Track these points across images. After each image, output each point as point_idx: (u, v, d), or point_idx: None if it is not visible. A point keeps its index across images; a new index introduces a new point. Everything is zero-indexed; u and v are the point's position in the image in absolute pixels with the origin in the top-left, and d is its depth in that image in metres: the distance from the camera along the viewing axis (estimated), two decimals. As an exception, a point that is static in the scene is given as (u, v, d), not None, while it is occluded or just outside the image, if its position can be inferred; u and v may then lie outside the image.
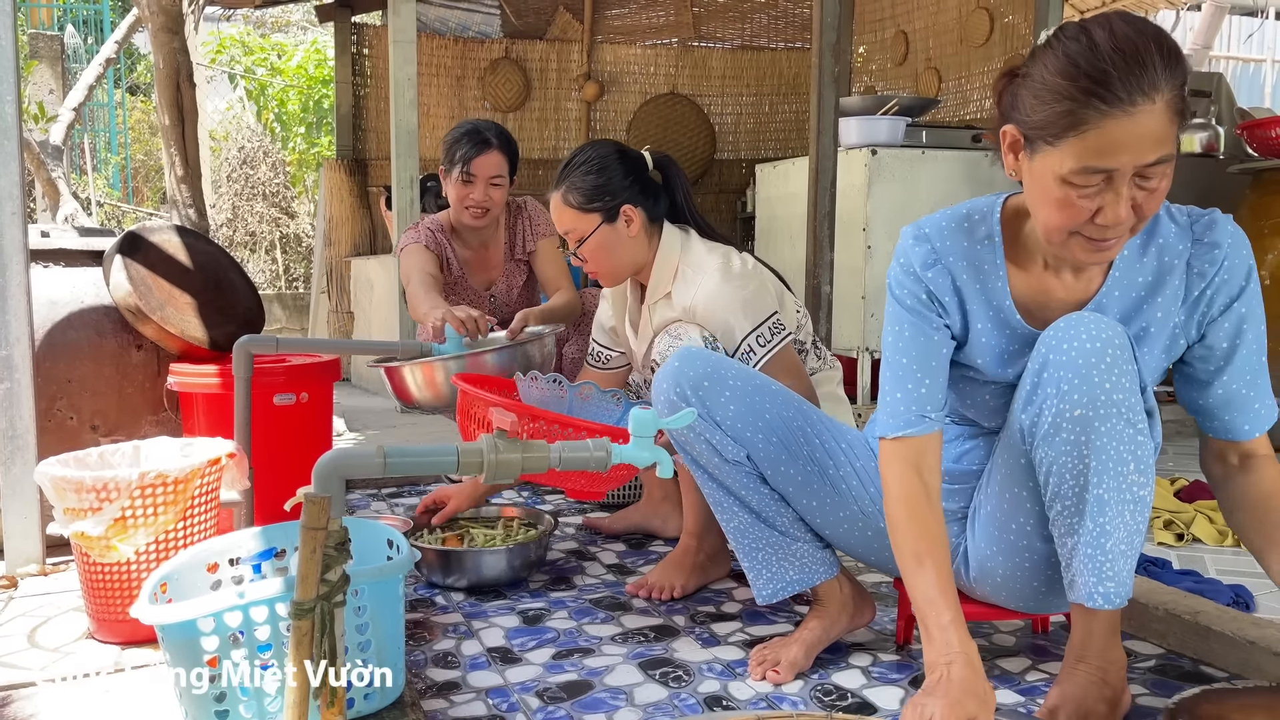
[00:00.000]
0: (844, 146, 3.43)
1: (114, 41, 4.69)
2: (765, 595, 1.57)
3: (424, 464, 1.20)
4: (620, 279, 2.04)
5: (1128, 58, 1.10)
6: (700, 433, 1.52)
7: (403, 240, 2.80)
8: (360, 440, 3.72)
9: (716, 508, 1.59)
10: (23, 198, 1.93)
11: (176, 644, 1.21)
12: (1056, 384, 1.22)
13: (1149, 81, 1.09)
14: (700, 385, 1.52)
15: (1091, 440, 1.21)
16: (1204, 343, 1.32)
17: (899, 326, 1.36)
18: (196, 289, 2.24)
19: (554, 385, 1.94)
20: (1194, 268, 1.29)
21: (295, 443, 2.15)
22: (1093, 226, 1.17)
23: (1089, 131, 1.12)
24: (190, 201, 3.80)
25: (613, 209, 1.94)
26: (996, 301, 1.34)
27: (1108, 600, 1.26)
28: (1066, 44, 1.14)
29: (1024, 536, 1.38)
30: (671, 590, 1.88)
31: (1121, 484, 1.22)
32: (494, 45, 6.12)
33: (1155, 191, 1.15)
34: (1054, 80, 1.14)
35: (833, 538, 1.58)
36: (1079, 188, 1.15)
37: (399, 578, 1.34)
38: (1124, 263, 1.31)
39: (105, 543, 1.56)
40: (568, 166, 1.97)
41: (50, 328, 2.11)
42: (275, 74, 9.17)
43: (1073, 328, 1.22)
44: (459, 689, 1.50)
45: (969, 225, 1.36)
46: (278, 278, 7.84)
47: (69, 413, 2.12)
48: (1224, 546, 2.28)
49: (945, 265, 1.34)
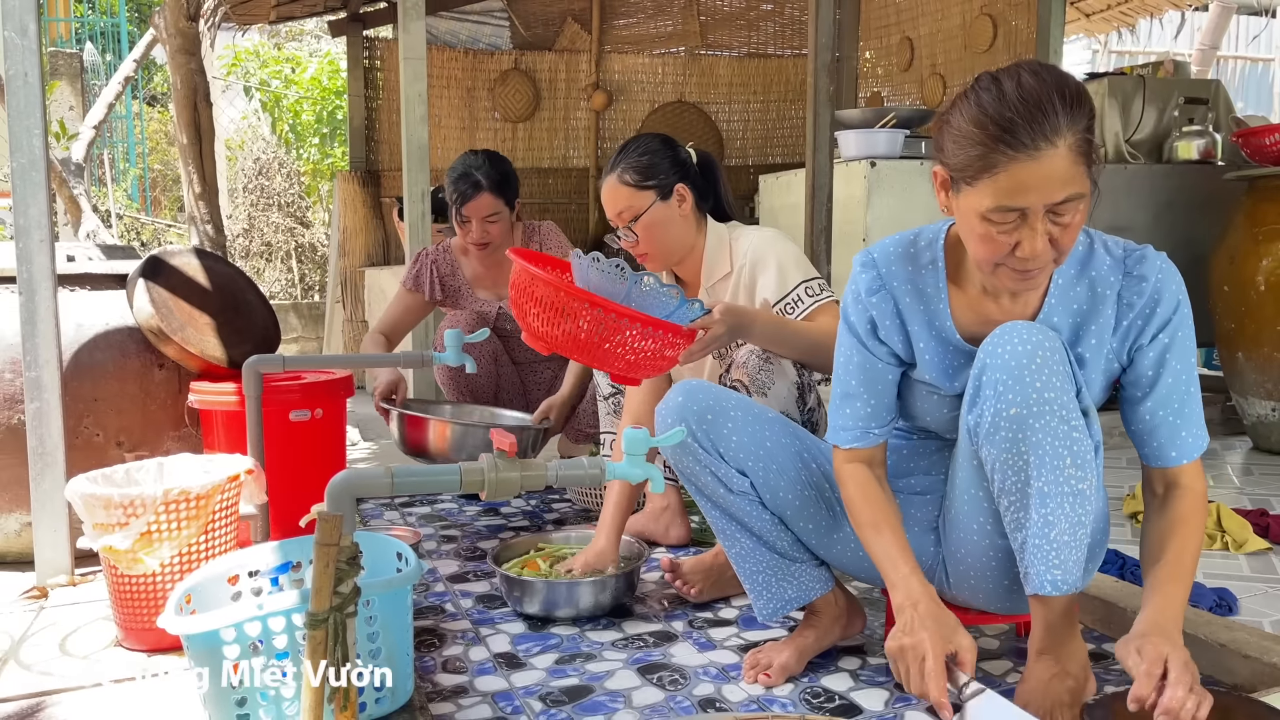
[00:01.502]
0: (843, 158, 3.50)
1: (133, 60, 4.80)
2: (765, 614, 1.65)
3: (429, 483, 1.28)
4: (669, 261, 2.13)
5: (1030, 106, 1.20)
6: (705, 465, 1.60)
7: (404, 273, 2.97)
8: (374, 449, 3.81)
9: (720, 533, 1.66)
10: (50, 226, 2.03)
11: (200, 652, 1.30)
12: (994, 386, 1.31)
13: (1050, 127, 1.20)
14: (704, 419, 1.59)
15: (1028, 437, 1.30)
16: (1133, 368, 1.41)
17: (850, 351, 1.50)
18: (215, 310, 2.34)
19: (616, 270, 1.87)
20: (1124, 299, 1.38)
21: (311, 457, 2.25)
22: (1014, 259, 1.28)
23: (999, 174, 1.23)
24: (208, 217, 3.91)
25: (667, 187, 2.06)
26: (938, 322, 1.45)
27: (1055, 587, 1.33)
28: (980, 94, 1.26)
29: (985, 535, 1.46)
30: (694, 590, 1.96)
31: (1060, 477, 1.31)
32: (503, 57, 6.21)
33: (1069, 226, 1.25)
34: (967, 128, 1.25)
35: (827, 556, 1.65)
36: (996, 224, 1.26)
37: (407, 589, 1.42)
38: (1059, 290, 1.41)
39: (132, 556, 1.65)
40: (621, 152, 2.08)
41: (77, 349, 2.21)
42: (289, 86, 9.29)
43: (1007, 334, 1.32)
44: (466, 693, 1.58)
45: (914, 251, 1.47)
46: (293, 286, 7.95)
47: (95, 430, 2.22)
48: (1213, 550, 2.34)
49: (889, 290, 1.46)
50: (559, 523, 2.60)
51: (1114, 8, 6.62)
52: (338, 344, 6.13)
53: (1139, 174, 3.90)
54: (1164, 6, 6.61)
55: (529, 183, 6.34)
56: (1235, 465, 3.28)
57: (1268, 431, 3.40)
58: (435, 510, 2.76)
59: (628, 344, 1.69)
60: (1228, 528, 2.40)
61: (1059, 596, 1.35)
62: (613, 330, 1.66)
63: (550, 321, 1.70)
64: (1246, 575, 2.17)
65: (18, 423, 2.14)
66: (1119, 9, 6.63)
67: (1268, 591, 2.05)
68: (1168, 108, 4.13)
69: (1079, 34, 7.35)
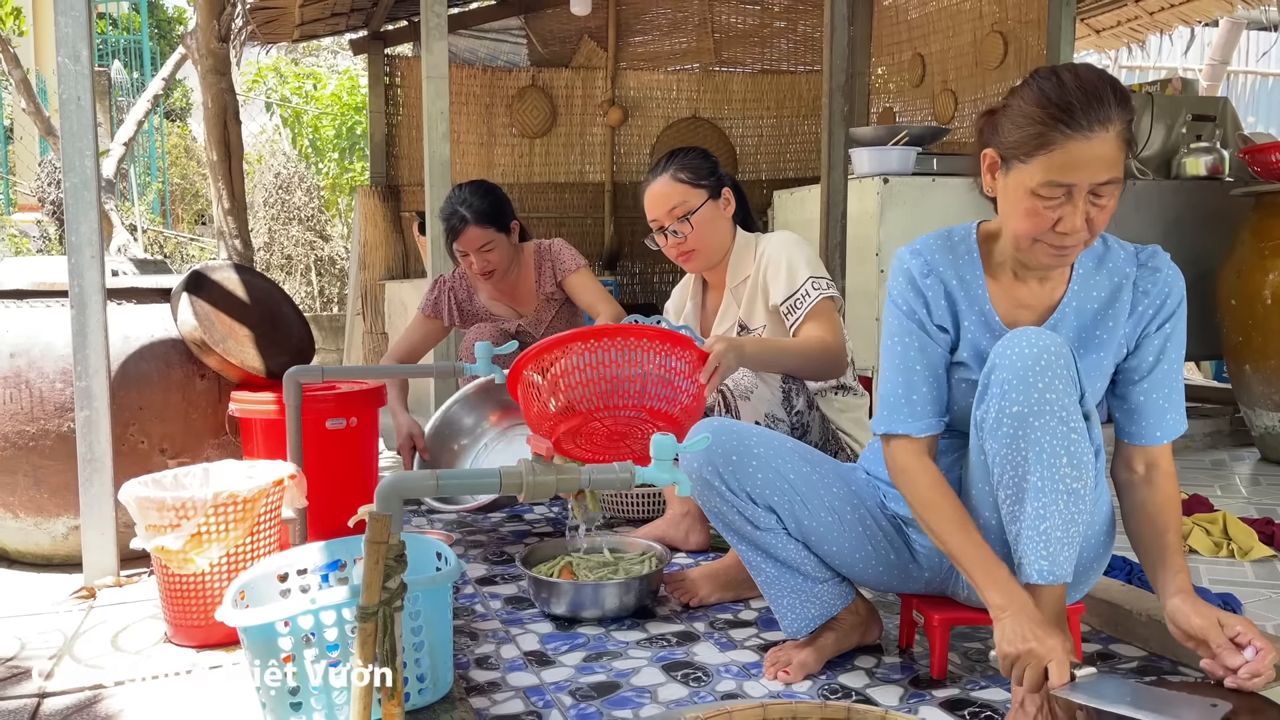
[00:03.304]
0: (857, 175, 3.58)
1: (161, 78, 4.93)
2: (792, 631, 1.72)
3: (471, 485, 1.37)
4: (710, 261, 2.25)
5: (1088, 94, 1.36)
6: (733, 505, 1.67)
7: (422, 299, 3.10)
8: (399, 457, 3.89)
9: (748, 564, 1.73)
10: (101, 243, 2.13)
11: (256, 644, 1.38)
12: (1000, 385, 1.42)
13: (1104, 114, 1.35)
14: (729, 459, 1.66)
15: (1027, 434, 1.39)
16: (1137, 353, 1.54)
17: (907, 337, 1.57)
18: (254, 322, 2.43)
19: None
20: (1139, 286, 1.53)
21: (345, 463, 2.34)
22: (1053, 234, 1.41)
23: (1055, 151, 1.36)
24: (236, 232, 4.02)
25: (716, 187, 2.21)
26: (979, 306, 1.56)
27: (1042, 575, 1.41)
28: (1040, 82, 1.40)
29: (991, 531, 1.53)
30: (697, 597, 2.03)
31: (1055, 474, 1.40)
32: (521, 74, 6.33)
33: (1105, 208, 1.39)
34: (1029, 109, 1.39)
35: (849, 573, 1.72)
36: (1044, 199, 1.39)
37: (448, 586, 1.51)
38: (1080, 279, 1.54)
39: (183, 556, 1.74)
40: (670, 158, 2.23)
41: (124, 360, 2.30)
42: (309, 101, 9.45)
43: (1016, 338, 1.42)
44: (500, 688, 1.66)
45: (951, 244, 1.59)
46: (313, 299, 8.07)
47: (140, 437, 2.31)
48: (1219, 558, 2.40)
49: (938, 275, 1.57)
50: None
51: (1124, 24, 6.69)
52: (358, 355, 6.24)
53: (1147, 190, 3.97)
54: (1174, 23, 6.68)
55: (546, 197, 6.45)
56: (1243, 475, 3.33)
57: (1275, 443, 3.46)
58: (461, 516, 2.84)
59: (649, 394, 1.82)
60: (1234, 535, 2.46)
61: (1048, 587, 1.42)
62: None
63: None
64: (1251, 581, 2.23)
65: (67, 430, 2.23)
66: (1129, 25, 6.70)
67: (1271, 597, 2.11)
68: (1176, 124, 4.20)
69: (1089, 50, 7.42)
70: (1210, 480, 3.24)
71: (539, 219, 6.28)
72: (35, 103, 4.79)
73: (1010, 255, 1.53)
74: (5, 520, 2.35)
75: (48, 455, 2.26)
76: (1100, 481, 1.53)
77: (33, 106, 4.77)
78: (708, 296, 2.36)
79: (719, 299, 2.29)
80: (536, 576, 1.99)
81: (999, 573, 1.43)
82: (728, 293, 2.25)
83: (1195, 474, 3.32)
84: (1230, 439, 3.85)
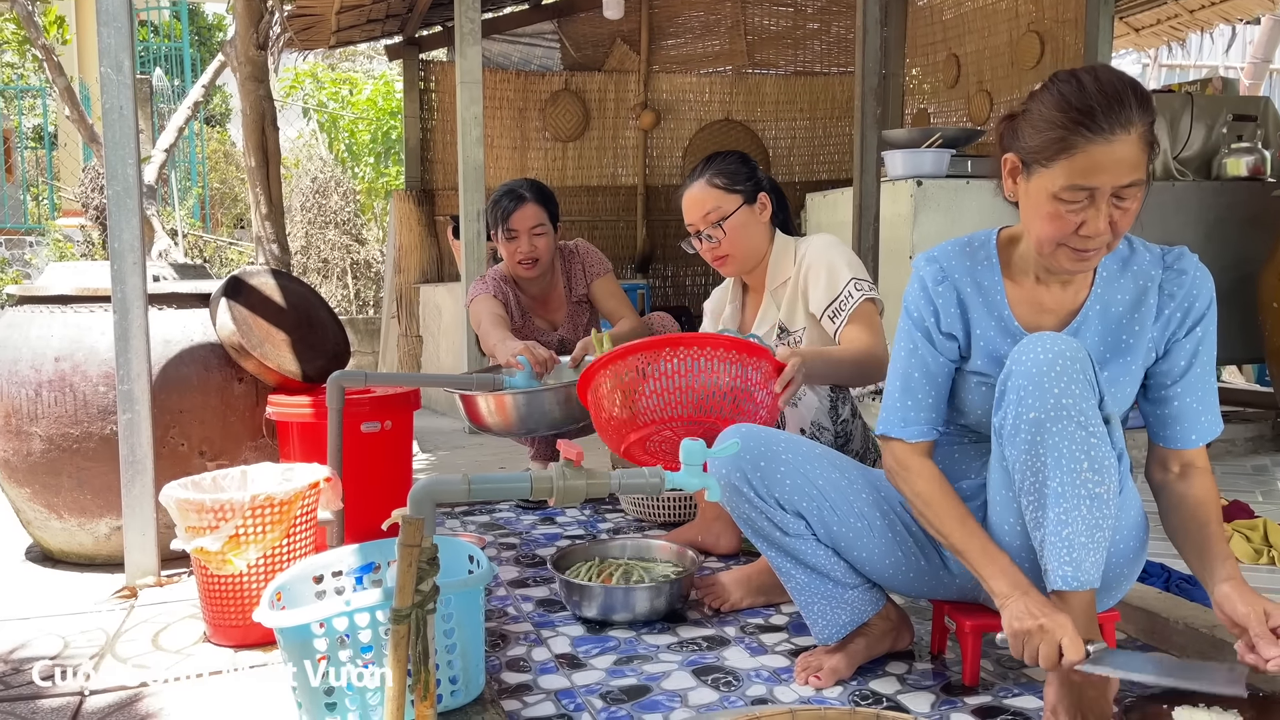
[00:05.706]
0: (890, 178, 3.57)
1: (202, 85, 5.00)
2: (823, 638, 1.72)
3: (502, 490, 1.38)
4: (746, 265, 2.26)
5: (1109, 97, 1.35)
6: (762, 511, 1.67)
7: (471, 292, 3.04)
8: (432, 460, 3.94)
9: (778, 570, 1.73)
10: (143, 250, 2.17)
11: (292, 645, 1.40)
12: (1016, 391, 1.41)
13: (1126, 116, 1.34)
14: (758, 466, 1.67)
15: (1045, 440, 1.38)
16: (1168, 358, 1.52)
17: (913, 344, 1.58)
18: (290, 327, 2.47)
19: None
20: (1165, 289, 1.52)
21: (380, 466, 2.36)
22: (1076, 238, 1.40)
23: (1076, 154, 1.35)
24: (274, 237, 4.07)
25: (752, 193, 2.21)
26: (997, 311, 1.55)
27: (1067, 582, 1.39)
28: (1060, 86, 1.39)
29: (1016, 535, 1.52)
30: (729, 602, 2.03)
31: (1075, 479, 1.38)
32: (554, 78, 6.36)
33: (1128, 211, 1.38)
34: (1050, 113, 1.38)
35: (879, 580, 1.72)
36: (1067, 203, 1.38)
37: (480, 589, 1.52)
38: (1104, 281, 1.53)
39: (222, 557, 1.77)
40: (707, 163, 2.24)
41: (164, 364, 2.35)
42: (345, 106, 9.56)
43: (1032, 343, 1.41)
44: (531, 690, 1.67)
45: (970, 250, 1.59)
46: (349, 302, 8.16)
47: (180, 440, 2.36)
48: (1259, 565, 2.37)
49: (952, 281, 1.57)
50: (614, 532, 2.69)
51: (1163, 22, 6.60)
52: (393, 358, 6.30)
53: (1188, 191, 3.91)
54: (1214, 20, 6.58)
55: (578, 200, 6.48)
56: (1286, 481, 3.28)
57: (1319, 448, 3.39)
58: (494, 519, 2.86)
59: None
60: (1275, 542, 2.42)
61: (1076, 593, 1.40)
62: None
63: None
64: (1291, 590, 2.19)
65: (110, 432, 2.28)
66: (1169, 23, 6.61)
67: (1313, 605, 2.07)
68: (1216, 125, 4.14)
69: (1128, 48, 7.33)
70: (1251, 485, 3.19)
71: (572, 222, 6.31)
72: (79, 110, 4.87)
73: (1033, 259, 1.53)
74: (50, 521, 2.40)
75: (91, 457, 2.31)
76: (1127, 485, 1.51)
77: (76, 114, 4.86)
78: (747, 299, 2.37)
79: (759, 301, 2.29)
80: (568, 579, 2.01)
81: (1001, 560, 1.45)
82: (767, 295, 2.26)
83: (1236, 479, 3.26)
84: (1272, 444, 3.78)
